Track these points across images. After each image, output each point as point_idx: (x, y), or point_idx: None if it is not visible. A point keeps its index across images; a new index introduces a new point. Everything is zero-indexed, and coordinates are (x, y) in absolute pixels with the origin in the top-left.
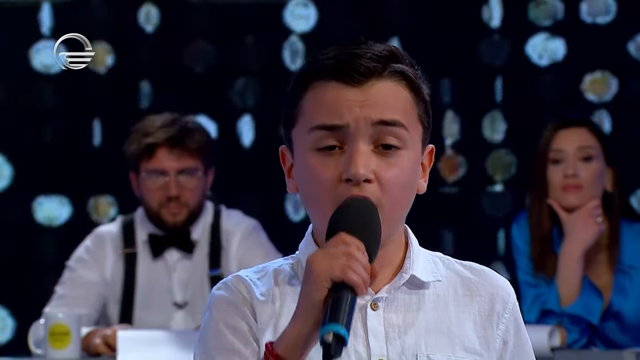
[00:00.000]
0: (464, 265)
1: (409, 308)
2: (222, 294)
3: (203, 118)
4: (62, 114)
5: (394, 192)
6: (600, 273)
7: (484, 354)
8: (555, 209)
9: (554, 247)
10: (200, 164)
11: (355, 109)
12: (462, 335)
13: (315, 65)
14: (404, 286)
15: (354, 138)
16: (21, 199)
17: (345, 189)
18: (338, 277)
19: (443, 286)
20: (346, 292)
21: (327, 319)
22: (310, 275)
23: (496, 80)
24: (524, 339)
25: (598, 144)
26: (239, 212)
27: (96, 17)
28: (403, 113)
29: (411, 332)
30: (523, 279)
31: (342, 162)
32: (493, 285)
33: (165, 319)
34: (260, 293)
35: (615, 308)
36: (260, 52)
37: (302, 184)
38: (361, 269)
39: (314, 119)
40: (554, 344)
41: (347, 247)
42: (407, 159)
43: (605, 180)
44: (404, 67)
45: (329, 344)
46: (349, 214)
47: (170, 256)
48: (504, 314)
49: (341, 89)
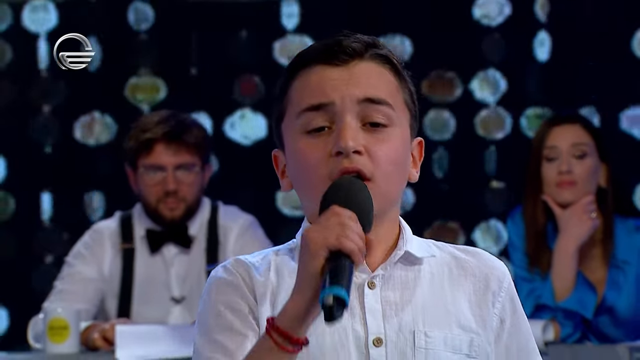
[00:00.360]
0: (458, 248)
1: (406, 285)
2: (221, 276)
3: (199, 115)
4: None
5: (385, 166)
6: (594, 268)
7: (480, 332)
8: (550, 205)
9: (548, 243)
10: (198, 159)
11: (340, 87)
12: (458, 313)
13: (301, 56)
14: (399, 263)
15: (341, 115)
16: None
17: (336, 162)
18: (334, 245)
19: (438, 265)
20: (343, 259)
21: (326, 283)
22: (306, 247)
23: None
24: (520, 318)
25: (591, 141)
26: (236, 208)
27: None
28: (388, 93)
29: (408, 310)
30: (518, 274)
31: (331, 140)
32: (488, 266)
33: (163, 313)
34: (259, 273)
35: (609, 303)
36: (255, 49)
37: (295, 171)
38: (356, 237)
39: (301, 103)
40: (548, 338)
41: (339, 217)
42: (395, 136)
43: (599, 176)
44: (387, 52)
45: (331, 306)
46: (339, 190)
47: (168, 251)
48: (499, 293)
49: (325, 70)
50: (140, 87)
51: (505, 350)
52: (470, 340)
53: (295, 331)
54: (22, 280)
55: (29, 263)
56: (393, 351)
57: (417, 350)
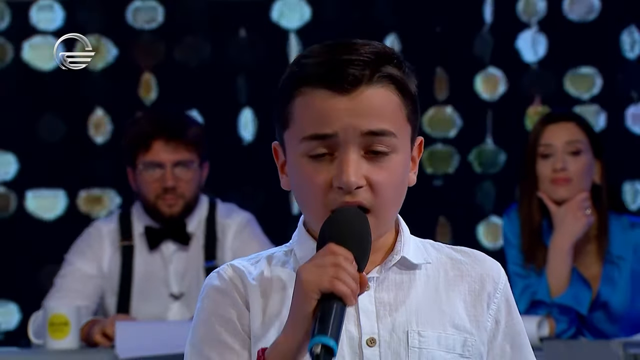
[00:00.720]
0: (455, 249)
1: (400, 287)
2: (214, 284)
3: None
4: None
5: (386, 194)
6: (589, 264)
7: (474, 332)
8: (545, 201)
9: (543, 239)
10: (196, 156)
11: (344, 118)
12: (453, 313)
13: (304, 69)
14: (395, 267)
15: (344, 146)
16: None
17: (337, 195)
18: (326, 289)
19: (433, 268)
20: (335, 302)
21: (315, 331)
22: (299, 286)
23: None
24: (515, 319)
25: (586, 138)
26: (234, 205)
27: (95, 13)
28: (392, 120)
29: (402, 310)
30: (513, 270)
31: (333, 168)
32: (483, 267)
33: (161, 309)
34: (252, 278)
35: (604, 298)
36: (254, 48)
37: (295, 188)
38: (349, 279)
39: (304, 129)
40: (543, 334)
41: (335, 257)
42: (396, 162)
43: (594, 173)
44: (392, 71)
45: (318, 355)
46: (338, 224)
47: (167, 248)
48: (495, 294)
49: (330, 98)
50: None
51: (500, 350)
52: (464, 340)
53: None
54: (32, 278)
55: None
56: (387, 351)
57: (411, 349)
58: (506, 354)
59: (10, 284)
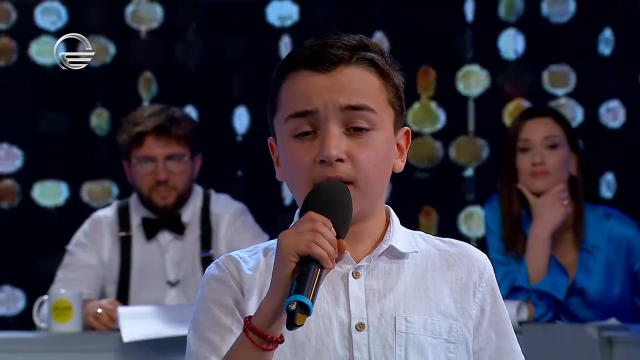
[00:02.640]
0: (443, 240)
1: (389, 275)
2: (212, 273)
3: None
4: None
5: (368, 170)
6: (566, 252)
7: (459, 319)
8: (525, 193)
9: (522, 228)
10: (187, 150)
11: (324, 94)
12: (439, 301)
13: (290, 57)
14: (384, 256)
15: (325, 122)
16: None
17: (320, 169)
18: (303, 252)
19: (422, 257)
20: (312, 265)
21: (292, 290)
22: (279, 250)
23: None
24: (500, 307)
25: (562, 132)
26: (227, 196)
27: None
28: (371, 97)
29: (390, 297)
30: (494, 257)
31: (316, 145)
32: (470, 257)
33: (159, 296)
34: (248, 268)
35: (579, 285)
36: (248, 46)
37: (285, 170)
38: (326, 243)
39: (288, 108)
40: (522, 318)
41: (313, 224)
42: (378, 139)
43: (570, 166)
44: (372, 55)
45: (293, 312)
46: (318, 195)
47: (163, 238)
48: (480, 283)
49: (311, 77)
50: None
51: (485, 337)
52: (450, 326)
53: (269, 330)
54: (38, 265)
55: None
56: (375, 335)
57: (398, 334)
58: (491, 340)
59: (16, 271)
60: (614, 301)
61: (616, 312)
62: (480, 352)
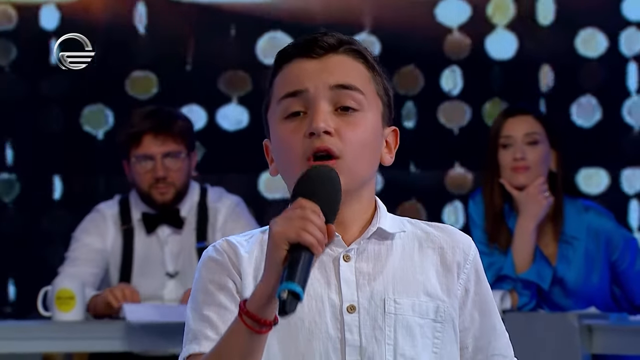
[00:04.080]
0: (429, 224)
1: (378, 258)
2: (210, 255)
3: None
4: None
5: (355, 147)
6: (546, 243)
7: (446, 299)
8: (507, 187)
9: (505, 221)
10: (184, 147)
11: (314, 76)
12: (426, 282)
13: (282, 52)
14: (372, 238)
15: (315, 100)
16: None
17: (309, 142)
18: (293, 239)
19: (409, 239)
20: (302, 252)
21: (283, 278)
22: (270, 238)
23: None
24: (484, 288)
25: (542, 130)
26: (222, 189)
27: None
28: (359, 80)
29: (379, 280)
30: (478, 249)
31: (306, 123)
32: (454, 240)
33: (158, 287)
34: (245, 251)
35: (560, 275)
36: (243, 47)
37: (277, 154)
38: (316, 230)
39: (280, 92)
40: (506, 307)
41: (302, 211)
42: (365, 120)
43: (550, 161)
44: (361, 48)
45: (284, 300)
46: (308, 181)
47: (162, 232)
48: (464, 264)
49: (302, 62)
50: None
51: (469, 317)
52: (437, 307)
53: (263, 313)
54: (31, 255)
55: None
56: (365, 317)
57: (387, 315)
58: (475, 320)
59: (19, 262)
60: (594, 290)
61: (595, 301)
62: (464, 332)
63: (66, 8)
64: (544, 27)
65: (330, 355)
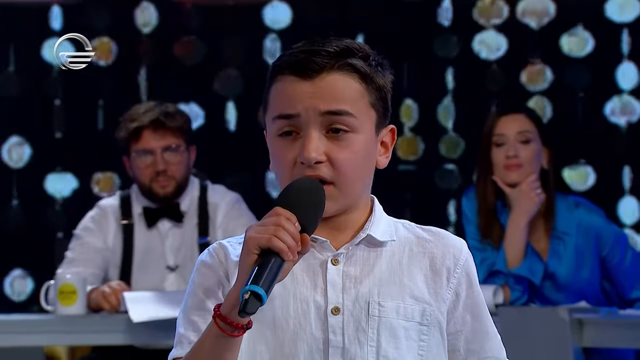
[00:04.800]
0: (424, 228)
1: (366, 262)
2: (203, 260)
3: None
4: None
5: (347, 171)
6: (538, 239)
7: (433, 303)
8: (500, 184)
9: (498, 217)
10: (182, 141)
11: (306, 99)
12: (412, 286)
13: (280, 61)
14: (362, 244)
15: (306, 126)
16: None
17: (300, 170)
18: (264, 244)
19: (399, 245)
20: (272, 257)
21: (249, 280)
22: (244, 243)
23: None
24: (476, 292)
25: (535, 128)
26: (222, 186)
27: (101, 16)
28: (351, 102)
29: (366, 283)
30: (471, 244)
31: (298, 145)
32: (445, 244)
33: (159, 280)
34: (235, 255)
35: (551, 270)
36: (242, 47)
37: (272, 163)
38: (287, 237)
39: (275, 110)
40: (498, 301)
41: (277, 218)
42: (357, 141)
43: (542, 159)
44: (355, 62)
45: (246, 300)
46: (289, 191)
47: (163, 226)
48: (455, 269)
49: (295, 82)
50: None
51: (461, 320)
52: (423, 310)
53: (235, 317)
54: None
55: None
56: (349, 319)
57: (371, 318)
58: (467, 322)
59: (25, 257)
60: (584, 285)
61: (586, 295)
62: (456, 334)
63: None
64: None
65: (314, 356)
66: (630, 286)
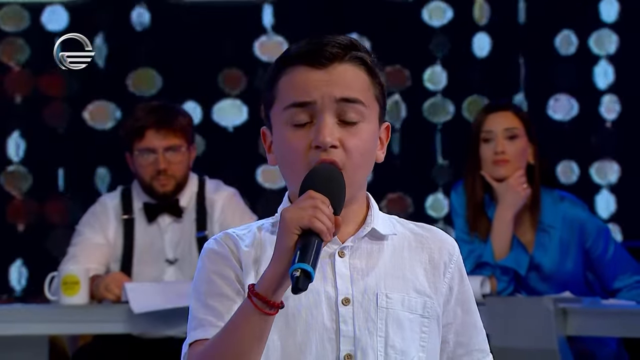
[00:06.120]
0: (417, 224)
1: (371, 256)
2: (212, 248)
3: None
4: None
5: (356, 157)
6: (524, 231)
7: (432, 296)
8: (488, 179)
9: (485, 211)
10: (184, 141)
11: (321, 87)
12: (414, 279)
13: (288, 54)
14: (366, 237)
15: (321, 112)
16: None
17: (315, 154)
18: (305, 225)
19: (399, 240)
20: (313, 237)
21: (296, 259)
22: (283, 224)
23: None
24: (466, 287)
25: (521, 125)
26: (220, 181)
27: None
28: (362, 92)
29: (372, 275)
30: (459, 237)
31: (312, 133)
32: (441, 240)
33: (159, 273)
34: (245, 245)
35: (536, 261)
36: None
37: (280, 155)
38: (326, 218)
39: (287, 99)
40: (485, 291)
41: (314, 201)
42: (366, 131)
43: (528, 155)
44: (362, 54)
45: (298, 278)
46: (316, 176)
47: (163, 220)
48: (449, 264)
49: (309, 72)
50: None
51: (452, 313)
52: (424, 303)
53: (272, 296)
54: (39, 243)
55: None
56: (359, 309)
57: (379, 309)
58: (457, 316)
59: (26, 249)
60: (568, 276)
61: (570, 285)
62: (447, 327)
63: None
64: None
65: (326, 345)
66: (612, 277)
